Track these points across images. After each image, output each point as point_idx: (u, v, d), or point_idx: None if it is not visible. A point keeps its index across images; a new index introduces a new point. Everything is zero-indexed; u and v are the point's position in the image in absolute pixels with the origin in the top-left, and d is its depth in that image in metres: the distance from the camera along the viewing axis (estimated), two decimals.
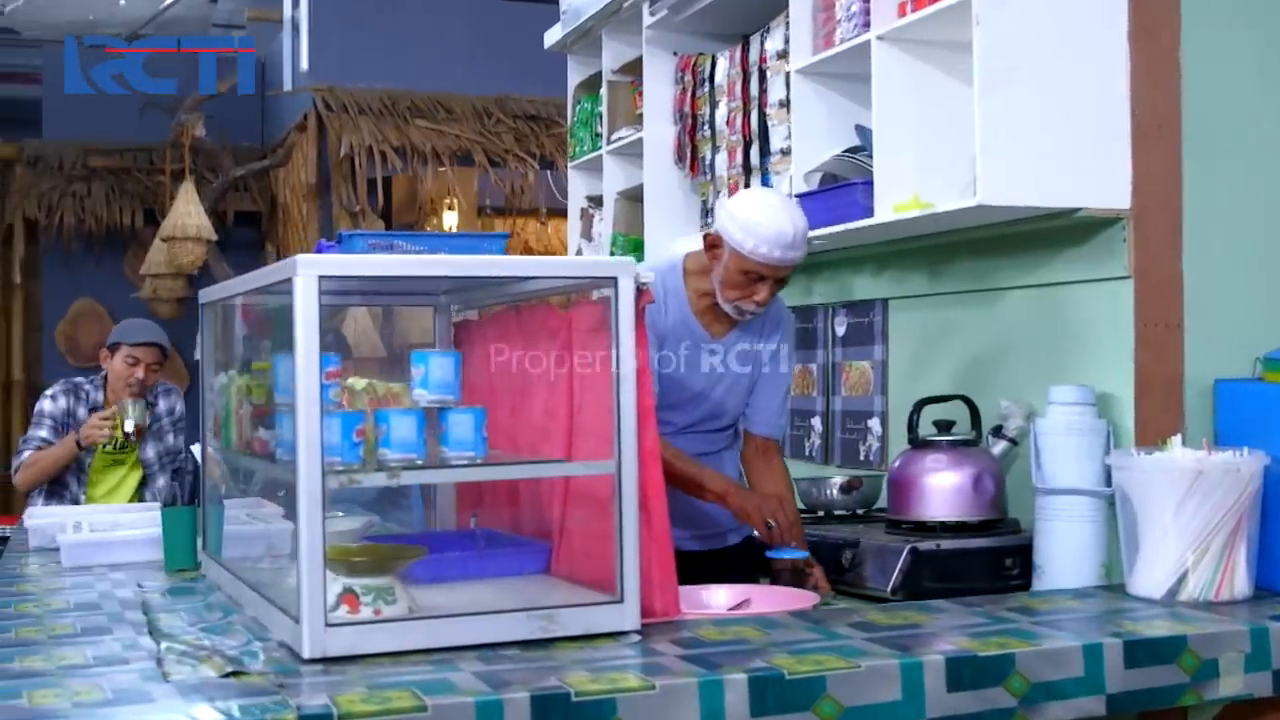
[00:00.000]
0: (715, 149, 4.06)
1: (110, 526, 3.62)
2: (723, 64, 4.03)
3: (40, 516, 3.92)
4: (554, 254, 8.25)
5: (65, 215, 9.00)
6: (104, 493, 4.82)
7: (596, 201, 4.90)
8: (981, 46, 2.83)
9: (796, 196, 3.49)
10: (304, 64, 8.04)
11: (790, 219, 2.93)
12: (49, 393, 4.95)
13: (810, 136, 3.52)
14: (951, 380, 3.43)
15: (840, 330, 3.94)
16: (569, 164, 5.13)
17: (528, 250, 8.75)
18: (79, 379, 5.02)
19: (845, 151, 3.38)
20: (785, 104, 3.65)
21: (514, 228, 8.52)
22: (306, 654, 2.18)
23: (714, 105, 4.07)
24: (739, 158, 3.91)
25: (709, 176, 4.12)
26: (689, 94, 4.21)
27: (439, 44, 8.09)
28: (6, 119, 10.24)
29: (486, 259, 2.44)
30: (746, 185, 3.86)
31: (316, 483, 2.19)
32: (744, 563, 3.19)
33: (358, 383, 2.62)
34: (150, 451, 4.95)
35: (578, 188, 5.07)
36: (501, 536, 2.95)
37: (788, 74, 3.63)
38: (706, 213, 4.17)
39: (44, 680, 2.10)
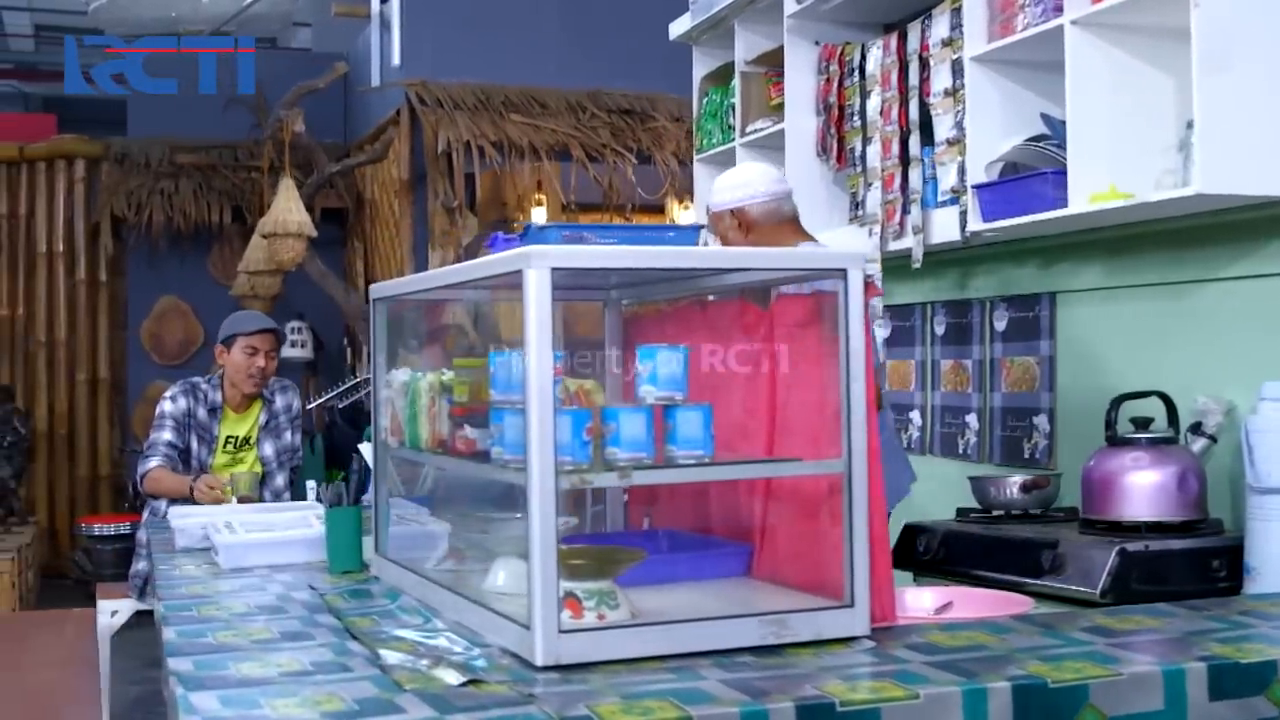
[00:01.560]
0: (866, 140, 3.97)
1: (263, 527, 3.56)
2: (875, 53, 3.93)
3: (183, 517, 3.86)
4: None
5: (154, 213, 8.99)
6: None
7: None
8: (1200, 29, 2.75)
9: (974, 187, 3.39)
10: (395, 59, 7.97)
11: None
12: (168, 394, 4.93)
13: (985, 125, 3.43)
14: (1129, 376, 3.32)
15: (1000, 325, 3.84)
16: (695, 157, 5.05)
17: None
18: (196, 379, 5.00)
19: (1028, 140, 3.28)
20: (951, 93, 3.56)
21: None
22: (540, 661, 2.10)
23: (864, 95, 3.98)
24: (894, 148, 3.82)
25: (859, 168, 4.02)
26: (835, 84, 4.12)
27: (530, 38, 8.01)
28: (91, 119, 10.25)
29: (721, 251, 2.38)
30: (904, 177, 3.77)
31: (550, 483, 2.10)
32: None
33: None
34: (269, 449, 4.92)
35: (705, 181, 4.97)
36: (683, 537, 2.86)
37: (953, 62, 3.54)
38: (856, 205, 4.07)
39: (274, 688, 2.03)
